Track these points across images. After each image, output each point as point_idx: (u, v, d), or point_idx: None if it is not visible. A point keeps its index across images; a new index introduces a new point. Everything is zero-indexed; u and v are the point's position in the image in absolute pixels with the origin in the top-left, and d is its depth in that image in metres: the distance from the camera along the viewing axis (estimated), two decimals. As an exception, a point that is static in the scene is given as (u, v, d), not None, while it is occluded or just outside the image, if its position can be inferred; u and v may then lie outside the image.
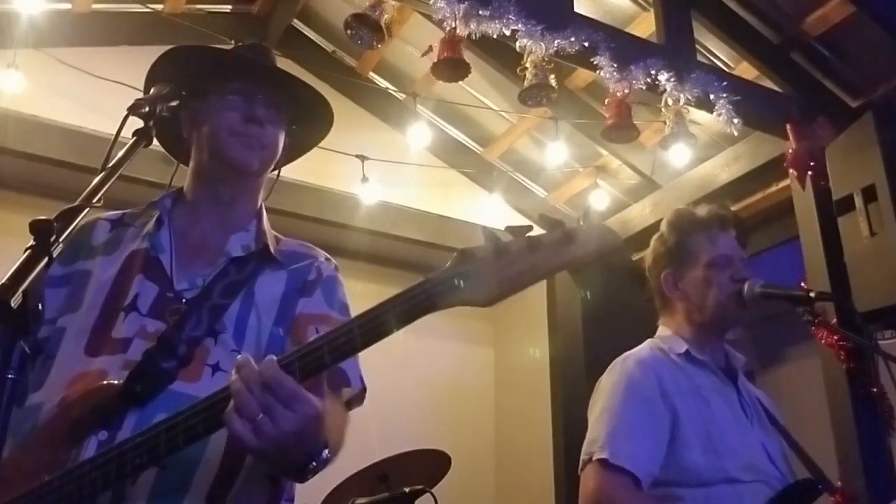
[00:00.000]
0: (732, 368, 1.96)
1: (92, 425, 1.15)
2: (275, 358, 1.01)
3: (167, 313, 1.27)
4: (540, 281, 0.97)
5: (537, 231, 0.99)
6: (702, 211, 2.03)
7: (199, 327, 1.25)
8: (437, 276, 1.00)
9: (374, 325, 1.01)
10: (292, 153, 1.55)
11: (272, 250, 1.40)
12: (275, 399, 0.97)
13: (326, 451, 1.07)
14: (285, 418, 0.97)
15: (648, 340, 1.99)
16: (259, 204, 1.48)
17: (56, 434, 1.14)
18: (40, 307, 0.90)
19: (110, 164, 1.09)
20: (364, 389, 1.38)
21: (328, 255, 1.48)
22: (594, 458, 1.70)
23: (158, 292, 1.29)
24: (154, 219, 1.38)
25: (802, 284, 3.24)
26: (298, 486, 1.34)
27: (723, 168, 3.96)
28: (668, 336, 1.96)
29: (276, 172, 1.50)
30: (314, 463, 1.06)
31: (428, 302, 1.00)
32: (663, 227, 2.06)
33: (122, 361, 1.21)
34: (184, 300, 1.28)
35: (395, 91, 4.60)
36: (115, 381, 1.18)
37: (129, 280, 1.30)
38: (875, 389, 3.08)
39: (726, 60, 3.84)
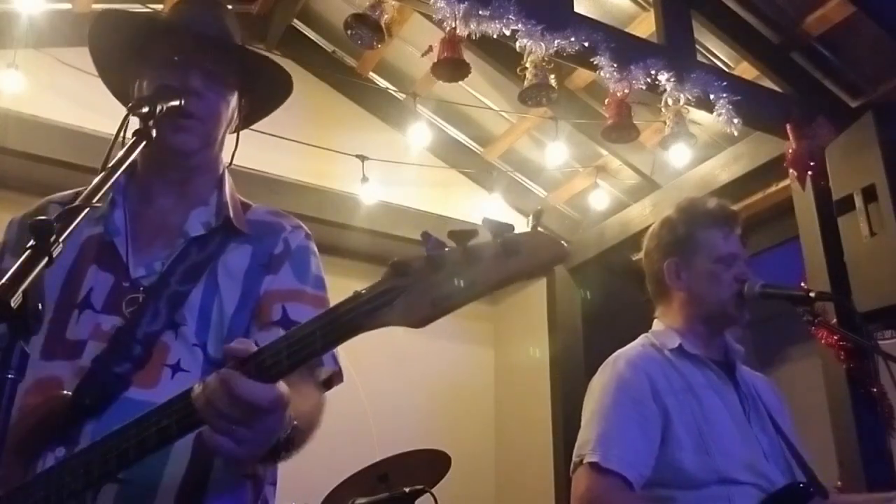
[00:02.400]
0: (730, 361, 1.94)
1: (47, 440, 1.09)
2: (231, 370, 0.91)
3: (123, 306, 1.18)
4: (479, 298, 0.86)
5: (485, 235, 0.88)
6: (712, 204, 2.00)
7: (157, 320, 1.17)
8: (367, 295, 0.88)
9: (298, 349, 0.91)
10: (253, 117, 1.46)
11: (236, 222, 1.30)
12: (244, 410, 0.90)
13: (294, 422, 1.01)
14: (262, 421, 0.92)
15: (642, 336, 1.98)
16: (220, 171, 1.38)
17: (12, 448, 1.05)
18: (40, 307, 0.88)
19: (110, 164, 1.06)
20: (340, 369, 1.29)
21: (299, 223, 1.37)
22: (585, 461, 1.70)
23: (114, 282, 1.21)
24: (108, 199, 1.27)
25: (802, 284, 3.24)
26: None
27: (723, 168, 3.96)
28: (661, 331, 1.95)
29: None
30: (280, 439, 1.00)
31: (353, 324, 0.88)
32: (673, 214, 2.01)
33: (76, 368, 1.14)
34: (141, 288, 1.20)
35: (395, 91, 4.60)
36: (66, 393, 1.11)
37: (83, 272, 1.22)
38: (875, 389, 3.08)
39: (726, 60, 3.84)
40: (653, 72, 3.14)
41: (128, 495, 1.08)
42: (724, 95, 3.25)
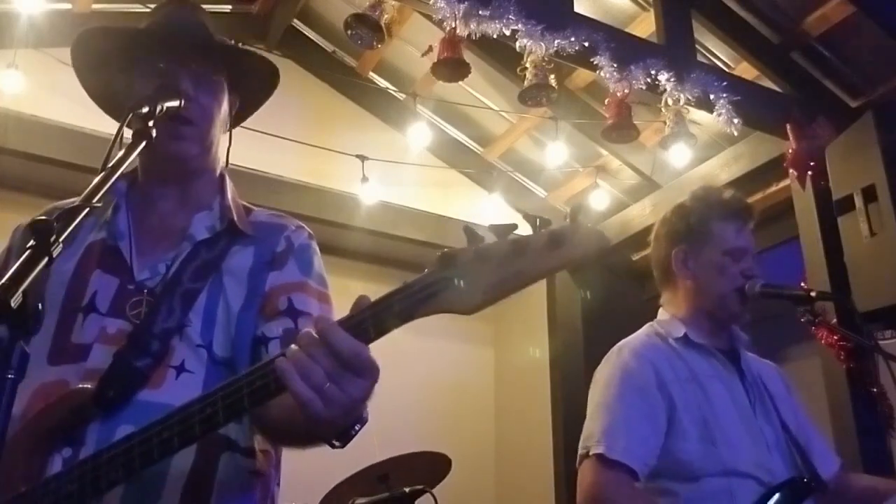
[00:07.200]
0: (735, 350, 1.93)
1: (57, 440, 1.10)
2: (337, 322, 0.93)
3: (128, 308, 1.20)
4: (526, 287, 0.90)
5: (522, 228, 0.92)
6: (728, 195, 1.99)
7: (172, 317, 1.19)
8: (417, 283, 0.92)
9: (354, 334, 0.92)
10: (243, 113, 1.47)
11: (240, 225, 1.32)
12: (344, 368, 0.91)
13: (366, 413, 1.02)
14: (356, 386, 0.92)
15: (647, 325, 1.97)
16: (218, 172, 1.39)
17: (21, 449, 1.08)
18: (40, 307, 0.88)
19: (110, 164, 1.06)
20: None
21: (302, 224, 1.39)
22: (591, 453, 1.70)
23: (118, 285, 1.22)
24: (112, 205, 1.30)
25: (802, 284, 3.24)
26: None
27: (723, 168, 3.96)
28: (666, 320, 1.95)
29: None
30: (358, 426, 1.01)
31: (405, 312, 0.92)
32: (688, 201, 2.00)
33: (82, 371, 1.15)
34: (145, 290, 1.22)
35: (395, 91, 4.61)
36: (87, 386, 1.12)
37: (87, 276, 1.23)
38: (875, 389, 3.08)
39: (726, 60, 3.84)
40: (653, 72, 3.14)
41: (135, 491, 1.08)
42: (724, 95, 3.25)
